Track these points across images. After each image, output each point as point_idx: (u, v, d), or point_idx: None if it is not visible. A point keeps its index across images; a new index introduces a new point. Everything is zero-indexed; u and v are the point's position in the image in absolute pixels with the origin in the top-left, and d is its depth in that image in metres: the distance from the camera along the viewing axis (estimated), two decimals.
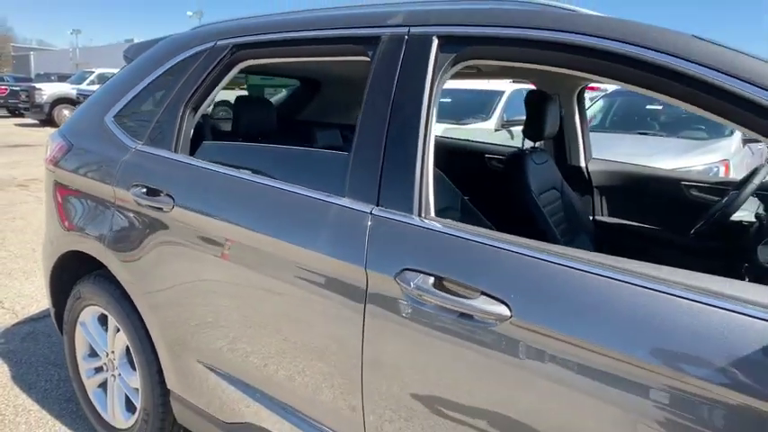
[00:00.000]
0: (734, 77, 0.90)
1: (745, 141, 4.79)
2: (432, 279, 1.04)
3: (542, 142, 2.52)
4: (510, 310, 0.95)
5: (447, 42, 1.20)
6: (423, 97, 1.18)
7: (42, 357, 2.64)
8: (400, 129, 1.19)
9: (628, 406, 0.85)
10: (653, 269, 0.89)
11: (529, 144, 2.25)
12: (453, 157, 2.72)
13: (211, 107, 2.85)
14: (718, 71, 0.91)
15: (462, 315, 1.01)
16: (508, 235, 1.04)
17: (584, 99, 2.46)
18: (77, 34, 46.14)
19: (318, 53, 1.47)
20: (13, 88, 15.64)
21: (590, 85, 4.49)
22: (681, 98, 0.98)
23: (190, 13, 33.15)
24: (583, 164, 2.45)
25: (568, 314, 0.91)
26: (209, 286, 1.47)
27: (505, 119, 5.93)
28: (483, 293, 0.99)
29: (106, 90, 2.02)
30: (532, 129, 2.07)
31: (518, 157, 2.12)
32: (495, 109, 5.96)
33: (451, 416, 1.05)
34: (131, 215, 1.68)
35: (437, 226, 1.10)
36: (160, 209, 1.57)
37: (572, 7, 1.13)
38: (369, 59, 1.30)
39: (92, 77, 15.12)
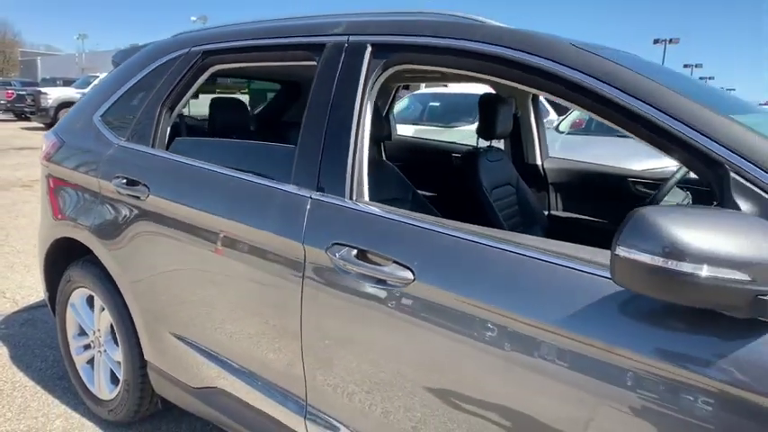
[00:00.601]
0: (601, 81, 1.07)
1: None
2: (355, 251, 1.23)
3: (503, 141, 2.70)
4: (413, 275, 1.13)
5: (379, 50, 1.39)
6: (356, 97, 1.36)
7: (39, 341, 2.84)
8: (337, 125, 1.37)
9: (509, 356, 1.02)
10: (529, 239, 1.07)
11: (486, 143, 2.43)
12: (423, 156, 2.90)
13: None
14: (587, 74, 1.08)
15: (378, 280, 1.19)
16: (417, 213, 1.22)
17: (539, 102, 2.63)
18: (84, 39, 46.77)
19: (276, 59, 1.66)
20: (20, 92, 15.96)
21: None
22: (563, 96, 1.15)
23: (194, 18, 33.52)
24: (539, 162, 2.62)
25: (460, 277, 1.09)
26: (178, 265, 1.66)
27: None
28: (394, 262, 1.17)
29: (95, 92, 2.22)
30: (485, 129, 2.25)
31: (472, 155, 2.30)
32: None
33: (372, 367, 1.23)
34: (113, 204, 1.87)
35: (363, 207, 1.29)
36: (137, 197, 1.76)
37: (481, 18, 1.30)
38: (315, 64, 1.49)
39: (95, 82, 15.39)
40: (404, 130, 5.35)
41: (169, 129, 1.92)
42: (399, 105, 7.19)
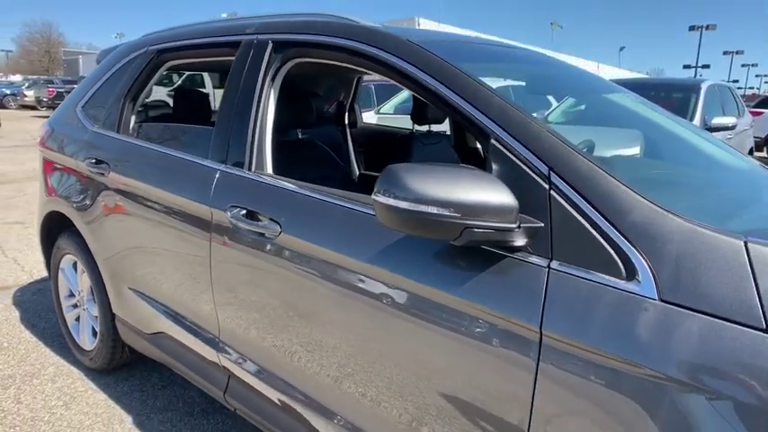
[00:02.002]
0: (424, 72, 1.29)
1: (707, 130, 4.99)
2: (244, 211, 1.51)
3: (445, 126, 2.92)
4: (280, 227, 1.41)
5: (278, 46, 1.66)
6: (257, 87, 1.64)
7: (46, 306, 3.25)
8: (242, 110, 1.65)
9: (342, 287, 1.28)
10: (363, 197, 1.32)
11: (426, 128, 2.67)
12: (380, 140, 3.15)
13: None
14: (410, 63, 1.31)
15: (259, 234, 1.47)
16: (290, 180, 1.49)
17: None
18: (121, 38, 48.59)
19: (211, 55, 1.96)
20: (59, 90, 16.92)
21: None
22: (394, 79, 1.38)
23: (224, 15, 34.24)
24: (479, 145, 2.83)
25: (311, 228, 1.36)
26: (132, 230, 1.99)
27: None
28: (270, 219, 1.45)
29: (80, 86, 2.57)
30: (417, 114, 2.48)
31: (408, 138, 2.55)
32: None
33: (259, 303, 1.52)
34: (86, 181, 2.22)
35: (255, 177, 1.57)
36: (102, 174, 2.10)
37: (353, 18, 1.55)
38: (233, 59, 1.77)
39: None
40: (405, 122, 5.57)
41: (134, 116, 2.24)
42: (400, 97, 7.41)
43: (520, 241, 1.02)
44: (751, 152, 6.63)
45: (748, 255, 0.86)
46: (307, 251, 1.36)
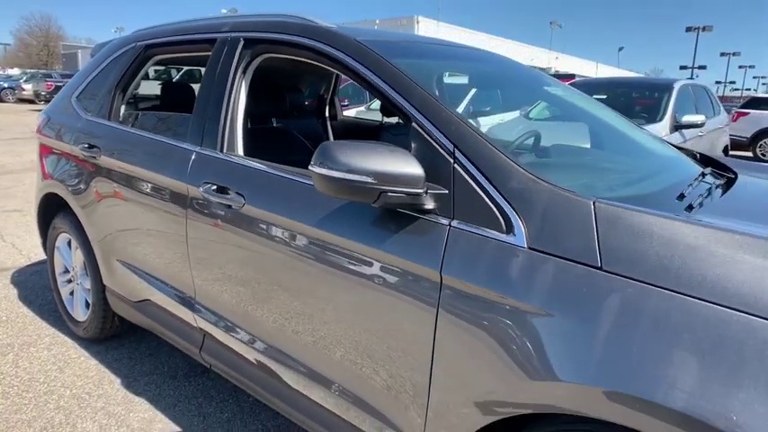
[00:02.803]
0: (365, 66, 1.51)
1: (676, 127, 5.22)
2: (215, 186, 1.74)
3: None
4: (244, 199, 1.64)
5: (248, 43, 1.88)
6: (228, 79, 1.86)
7: (42, 286, 3.47)
8: (216, 99, 1.88)
9: (294, 250, 1.51)
10: (307, 172, 1.53)
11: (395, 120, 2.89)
12: (357, 132, 3.37)
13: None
14: (359, 62, 1.54)
15: (226, 206, 1.70)
16: (256, 160, 1.72)
17: (443, 84, 3.06)
18: (120, 32, 48.70)
19: (192, 50, 2.18)
20: (58, 84, 17.08)
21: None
22: (345, 74, 1.60)
23: (224, 11, 34.42)
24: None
25: (269, 199, 1.59)
26: (120, 206, 2.21)
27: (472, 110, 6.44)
28: (236, 192, 1.68)
29: (75, 78, 2.80)
30: (385, 108, 2.71)
31: (377, 129, 2.77)
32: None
33: (228, 268, 1.74)
34: (80, 164, 2.44)
35: (226, 157, 1.79)
36: (94, 157, 2.32)
37: (311, 18, 1.77)
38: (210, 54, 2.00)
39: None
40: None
41: (123, 105, 2.47)
42: None
43: (429, 205, 1.25)
44: (725, 150, 6.87)
45: (595, 212, 1.09)
46: (266, 219, 1.59)
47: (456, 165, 1.25)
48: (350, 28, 1.78)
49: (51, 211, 2.82)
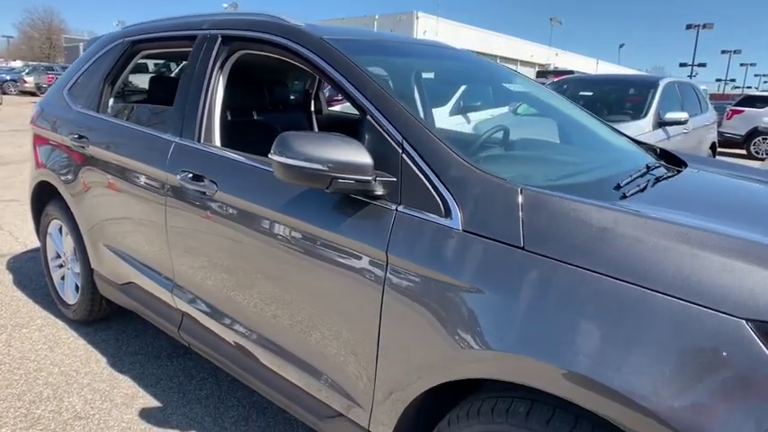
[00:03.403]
0: (326, 62, 1.62)
1: (660, 124, 5.31)
2: (191, 174, 1.86)
3: None
4: (217, 186, 1.75)
5: (225, 40, 1.99)
6: (206, 74, 1.97)
7: (36, 272, 3.60)
8: (195, 93, 1.99)
9: (262, 233, 1.62)
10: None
11: None
12: (342, 126, 3.48)
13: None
14: (322, 59, 1.65)
15: (201, 192, 1.81)
16: (230, 150, 1.83)
17: (421, 79, 3.17)
18: (122, 25, 48.69)
19: (176, 46, 2.29)
20: (58, 76, 17.13)
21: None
22: (313, 71, 1.71)
23: (225, 5, 34.42)
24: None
25: (238, 186, 1.70)
26: (107, 193, 2.33)
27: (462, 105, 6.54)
28: (210, 180, 1.79)
29: (67, 72, 2.91)
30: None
31: (356, 122, 2.87)
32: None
33: (203, 250, 1.86)
34: (70, 154, 2.56)
35: (202, 147, 1.91)
36: (83, 147, 2.44)
37: (283, 16, 1.87)
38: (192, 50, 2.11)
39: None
40: None
41: (112, 98, 2.58)
42: None
43: (379, 191, 1.36)
44: (713, 147, 6.96)
45: (520, 198, 1.20)
46: (236, 204, 1.70)
47: (404, 155, 1.37)
48: (320, 26, 1.89)
49: (44, 198, 2.94)
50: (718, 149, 11.99)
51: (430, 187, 1.31)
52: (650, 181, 1.59)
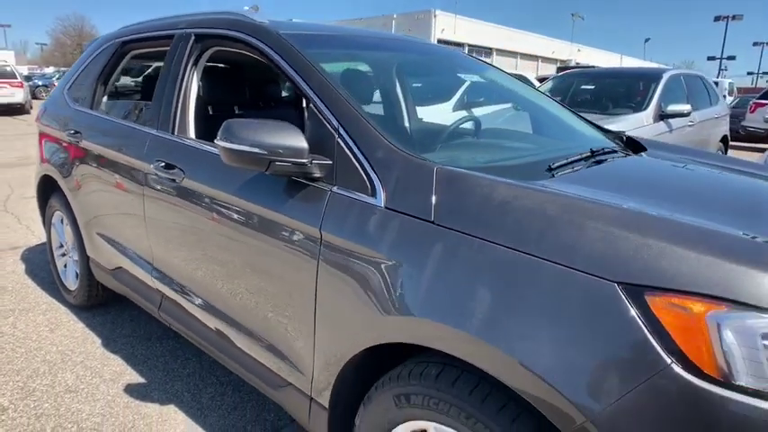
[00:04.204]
0: (280, 56, 1.73)
1: (661, 117, 5.27)
2: (163, 163, 1.99)
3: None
4: (183, 173, 1.89)
5: (198, 38, 2.12)
6: (180, 70, 2.11)
7: (47, 262, 3.81)
8: (171, 88, 2.13)
9: (219, 214, 1.74)
10: None
11: None
12: None
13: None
14: (276, 53, 1.76)
15: (171, 179, 1.95)
16: (199, 140, 1.96)
17: (404, 75, 3.25)
18: None
19: (159, 45, 2.43)
20: None
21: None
22: (270, 65, 1.82)
23: (246, 8, 34.89)
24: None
25: (202, 172, 1.83)
26: (97, 184, 2.49)
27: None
28: (179, 168, 1.92)
29: (68, 72, 3.10)
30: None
31: None
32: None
33: (174, 232, 2.00)
34: (67, 149, 2.74)
35: (176, 138, 2.04)
36: (78, 141, 2.61)
37: (249, 15, 1.99)
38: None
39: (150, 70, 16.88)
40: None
41: (105, 96, 2.75)
42: None
43: (317, 173, 1.46)
44: (725, 140, 6.83)
45: (435, 176, 1.29)
46: (199, 189, 1.83)
47: (339, 139, 1.47)
48: (285, 23, 2.00)
49: (48, 191, 3.14)
50: (742, 143, 11.73)
51: (360, 169, 1.41)
52: (585, 163, 1.65)
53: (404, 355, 1.37)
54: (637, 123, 5.02)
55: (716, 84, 16.94)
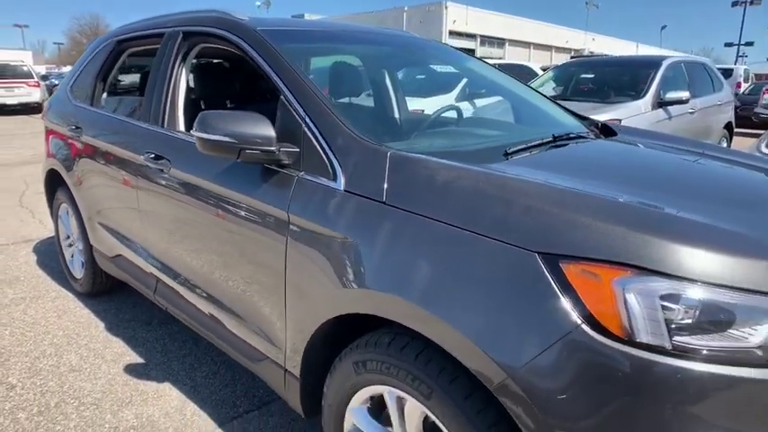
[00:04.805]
0: (255, 51, 1.84)
1: (660, 104, 5.27)
2: (153, 155, 2.12)
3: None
4: (170, 163, 2.01)
5: (185, 35, 2.24)
6: (169, 66, 2.23)
7: (57, 253, 4.00)
8: (160, 82, 2.25)
9: (198, 200, 1.86)
10: None
11: None
12: None
13: None
14: (252, 47, 1.86)
15: (160, 169, 2.08)
16: (183, 132, 2.08)
17: (394, 72, 3.32)
18: None
19: (150, 43, 2.56)
20: None
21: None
22: (246, 59, 1.93)
23: (258, 4, 35.16)
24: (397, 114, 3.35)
25: (186, 162, 1.95)
26: (97, 176, 2.64)
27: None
28: (166, 159, 2.05)
29: (71, 71, 3.25)
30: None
31: None
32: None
33: (164, 219, 2.13)
34: (69, 143, 2.89)
35: (165, 131, 2.16)
36: (78, 136, 2.76)
37: (229, 13, 2.09)
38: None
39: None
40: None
41: (105, 92, 2.89)
42: None
43: (286, 160, 1.57)
44: (729, 127, 6.78)
45: (388, 161, 1.39)
46: (183, 178, 1.96)
47: (305, 128, 1.57)
48: (263, 19, 2.10)
49: (54, 185, 3.30)
50: (756, 130, 11.54)
51: (323, 155, 1.51)
52: (544, 147, 1.73)
53: (369, 328, 1.48)
54: (635, 111, 5.03)
55: (730, 71, 16.73)
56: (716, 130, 6.40)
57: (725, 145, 6.80)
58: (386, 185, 1.35)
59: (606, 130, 2.27)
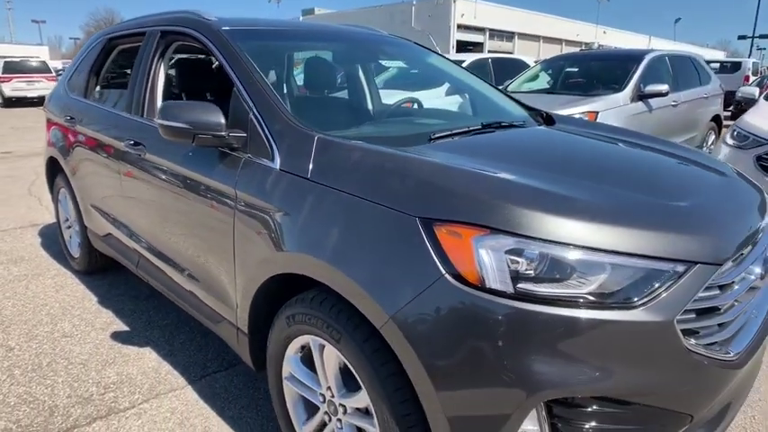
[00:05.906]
0: (218, 50, 2.08)
1: (640, 97, 5.41)
2: (132, 141, 2.37)
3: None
4: (146, 148, 2.26)
5: (162, 34, 2.48)
6: (149, 61, 2.47)
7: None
8: (141, 76, 2.50)
9: (175, 186, 2.11)
10: None
11: None
12: None
13: None
14: (215, 46, 2.10)
15: (138, 155, 2.33)
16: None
17: (370, 68, 3.53)
18: None
19: (135, 41, 2.81)
20: None
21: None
22: (213, 57, 2.17)
23: (269, 1, 35.38)
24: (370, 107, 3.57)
25: (158, 148, 2.19)
26: (88, 162, 2.90)
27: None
28: (143, 145, 2.30)
29: (69, 65, 3.52)
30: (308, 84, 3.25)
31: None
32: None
33: (141, 198, 2.38)
34: (65, 132, 3.16)
35: (143, 120, 2.41)
36: (73, 126, 3.03)
37: (200, 13, 2.32)
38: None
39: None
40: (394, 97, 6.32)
41: (98, 86, 3.16)
42: (389, 73, 8.07)
43: (235, 144, 1.81)
44: (717, 119, 6.87)
45: (315, 143, 1.61)
46: (156, 161, 2.21)
47: (251, 115, 1.80)
48: (231, 19, 2.33)
49: (55, 172, 3.58)
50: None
51: (264, 139, 1.74)
52: (468, 134, 1.94)
53: (306, 288, 1.71)
54: (613, 104, 5.19)
55: (738, 64, 16.59)
56: (702, 123, 6.51)
57: (712, 137, 6.90)
58: (311, 165, 1.58)
59: (549, 120, 2.47)
